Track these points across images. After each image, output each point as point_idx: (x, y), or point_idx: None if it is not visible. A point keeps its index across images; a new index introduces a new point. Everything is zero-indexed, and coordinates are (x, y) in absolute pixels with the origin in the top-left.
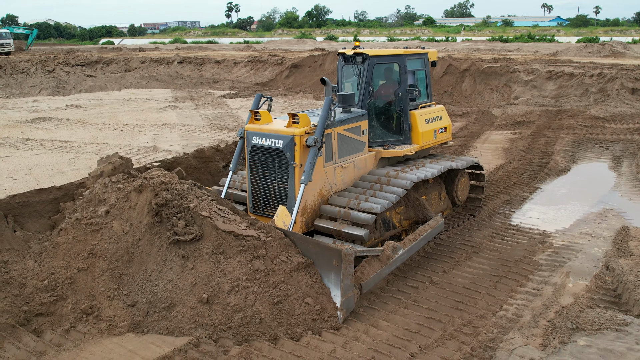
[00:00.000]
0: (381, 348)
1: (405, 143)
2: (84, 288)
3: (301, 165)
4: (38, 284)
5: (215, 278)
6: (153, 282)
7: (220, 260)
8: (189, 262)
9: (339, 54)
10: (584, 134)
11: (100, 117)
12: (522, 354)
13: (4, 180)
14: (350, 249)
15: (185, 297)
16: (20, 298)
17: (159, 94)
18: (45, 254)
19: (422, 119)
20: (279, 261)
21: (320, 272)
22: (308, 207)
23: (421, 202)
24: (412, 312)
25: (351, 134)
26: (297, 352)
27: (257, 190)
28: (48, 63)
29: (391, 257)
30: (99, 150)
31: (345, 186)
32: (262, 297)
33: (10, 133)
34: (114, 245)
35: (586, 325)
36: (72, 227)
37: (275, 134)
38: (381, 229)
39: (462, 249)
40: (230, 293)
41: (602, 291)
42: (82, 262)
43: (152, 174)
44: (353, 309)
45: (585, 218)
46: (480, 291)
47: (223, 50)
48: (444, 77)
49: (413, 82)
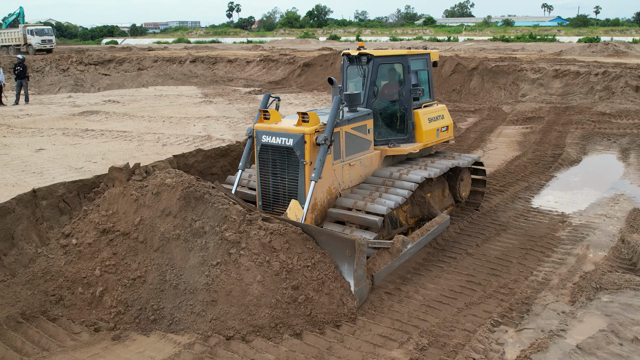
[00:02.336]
0: (432, 304)
1: (409, 141)
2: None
3: (311, 163)
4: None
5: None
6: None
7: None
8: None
9: (343, 55)
10: (592, 129)
11: (144, 111)
12: (555, 308)
13: (85, 164)
14: (363, 239)
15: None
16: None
17: (187, 91)
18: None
19: (426, 118)
20: (297, 255)
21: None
22: (317, 204)
23: (426, 200)
24: (454, 277)
25: (358, 133)
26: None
27: (267, 188)
28: (62, 62)
29: (401, 250)
30: (157, 139)
31: (352, 184)
32: (283, 292)
33: (66, 124)
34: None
35: (608, 285)
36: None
37: (286, 132)
38: (389, 227)
39: (490, 227)
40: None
41: (619, 260)
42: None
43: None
44: (366, 298)
45: (599, 202)
46: (512, 261)
47: (229, 50)
48: (452, 75)
49: (416, 81)
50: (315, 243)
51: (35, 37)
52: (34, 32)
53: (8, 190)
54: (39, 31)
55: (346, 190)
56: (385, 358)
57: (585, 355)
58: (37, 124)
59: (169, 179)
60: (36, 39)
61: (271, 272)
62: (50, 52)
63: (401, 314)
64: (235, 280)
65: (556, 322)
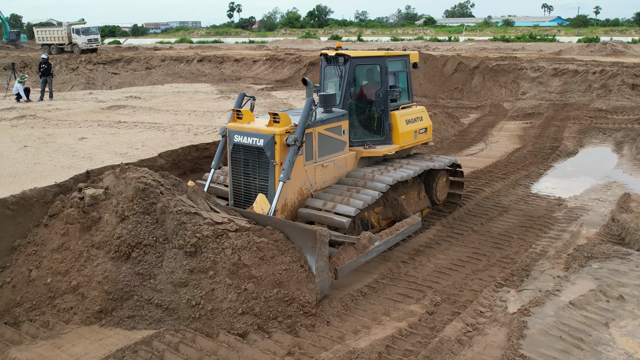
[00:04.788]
0: (443, 270)
1: (385, 143)
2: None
3: (281, 163)
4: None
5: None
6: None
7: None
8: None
9: (321, 55)
10: (589, 124)
11: (167, 106)
12: (551, 273)
13: (127, 150)
14: (325, 231)
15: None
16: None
17: (202, 88)
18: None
19: (403, 120)
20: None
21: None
22: (288, 205)
23: (399, 202)
24: (461, 249)
25: (332, 134)
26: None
27: (239, 187)
28: (71, 61)
29: (367, 246)
30: (188, 130)
31: (325, 185)
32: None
33: (99, 117)
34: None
35: (598, 254)
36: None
37: (257, 132)
38: (359, 229)
39: (493, 209)
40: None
41: (609, 236)
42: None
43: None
44: (327, 292)
45: (593, 188)
46: (513, 236)
47: (233, 50)
48: (454, 74)
49: (394, 83)
50: (285, 237)
51: (81, 37)
52: (80, 32)
53: (65, 171)
54: (85, 30)
55: (318, 192)
56: (404, 310)
57: (577, 309)
58: (71, 116)
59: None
60: (82, 38)
61: (246, 293)
62: (94, 51)
63: (416, 277)
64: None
65: (552, 284)
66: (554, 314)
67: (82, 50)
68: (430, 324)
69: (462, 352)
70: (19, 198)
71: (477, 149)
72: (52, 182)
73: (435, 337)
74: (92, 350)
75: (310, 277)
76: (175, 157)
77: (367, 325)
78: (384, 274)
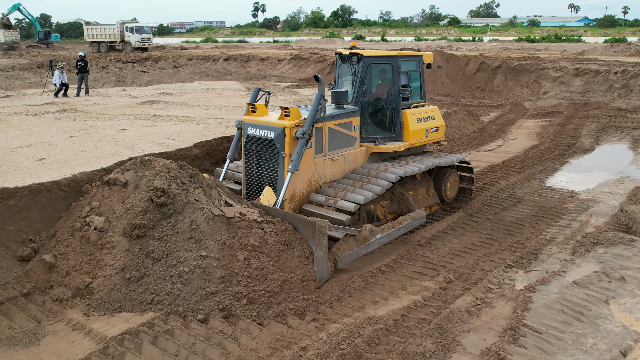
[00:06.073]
0: (457, 253)
1: (396, 140)
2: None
3: (290, 155)
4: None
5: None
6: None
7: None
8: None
9: (336, 54)
10: (607, 122)
11: (198, 101)
12: (558, 257)
13: (165, 140)
14: (324, 222)
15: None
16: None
17: (230, 85)
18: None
19: (414, 118)
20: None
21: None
22: (296, 195)
23: (406, 197)
24: (475, 235)
25: (342, 129)
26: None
27: (251, 178)
28: (101, 60)
29: (368, 238)
30: (220, 123)
31: (334, 178)
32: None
33: (135, 111)
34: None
35: (604, 241)
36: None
37: (268, 125)
38: (364, 221)
39: (508, 200)
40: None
41: (617, 225)
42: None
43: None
44: (327, 279)
45: (606, 182)
46: (525, 224)
47: (258, 49)
48: (476, 74)
49: (407, 82)
50: (292, 229)
51: (134, 35)
52: (133, 30)
53: (110, 158)
54: (138, 29)
55: (325, 185)
56: (419, 286)
57: (580, 288)
58: (109, 110)
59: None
60: (135, 36)
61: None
62: (146, 50)
63: (431, 258)
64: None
65: (558, 266)
66: (557, 291)
67: (134, 49)
68: (443, 297)
69: (471, 321)
70: (71, 180)
71: (495, 145)
72: (99, 166)
73: (446, 308)
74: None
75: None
76: (209, 147)
77: (385, 298)
78: (401, 255)
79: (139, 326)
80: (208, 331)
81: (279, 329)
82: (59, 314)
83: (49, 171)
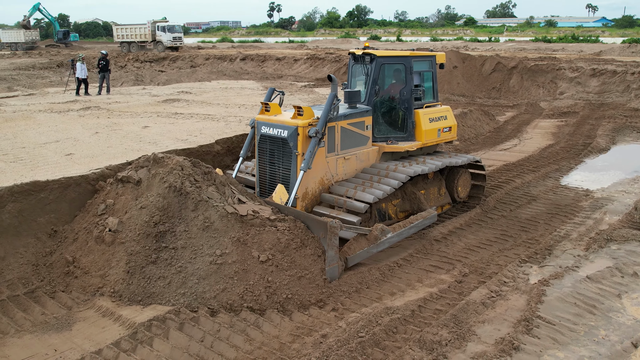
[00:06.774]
0: (472, 248)
1: (408, 140)
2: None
3: (303, 154)
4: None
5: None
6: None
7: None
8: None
9: (349, 54)
10: (623, 122)
11: (218, 100)
12: (572, 252)
13: (188, 137)
14: (335, 222)
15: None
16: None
17: (248, 85)
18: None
19: (426, 118)
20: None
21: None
22: (309, 193)
23: (417, 196)
24: (490, 231)
25: (354, 128)
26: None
27: (264, 176)
28: (119, 59)
29: (379, 238)
30: (240, 120)
31: (346, 176)
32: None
33: (156, 109)
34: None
35: (617, 237)
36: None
37: (281, 124)
38: (376, 219)
39: (523, 198)
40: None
41: (630, 223)
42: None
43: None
44: (337, 278)
45: (620, 181)
46: (539, 221)
47: (274, 49)
48: (492, 74)
49: (419, 82)
50: (305, 227)
51: (166, 35)
52: (165, 29)
53: (134, 153)
54: (170, 28)
55: (338, 183)
56: (435, 279)
57: (593, 282)
58: (131, 108)
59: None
60: (167, 36)
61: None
62: (177, 50)
63: (447, 253)
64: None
65: (572, 262)
66: (571, 285)
67: (166, 48)
68: (458, 290)
69: (486, 313)
70: (99, 175)
71: (511, 145)
72: (125, 161)
73: (462, 300)
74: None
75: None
76: (230, 143)
77: (402, 289)
78: (418, 250)
79: (166, 313)
80: (232, 319)
81: (299, 318)
82: (89, 302)
83: (77, 165)
